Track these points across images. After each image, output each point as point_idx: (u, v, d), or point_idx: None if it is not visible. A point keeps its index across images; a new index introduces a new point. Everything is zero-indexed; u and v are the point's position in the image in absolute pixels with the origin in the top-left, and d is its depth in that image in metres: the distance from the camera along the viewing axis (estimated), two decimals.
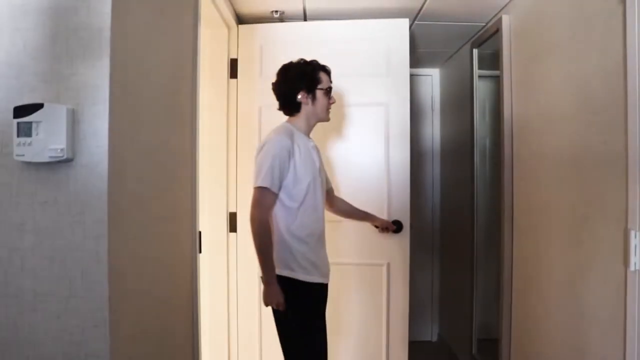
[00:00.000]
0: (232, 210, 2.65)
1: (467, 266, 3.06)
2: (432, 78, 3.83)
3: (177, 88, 1.68)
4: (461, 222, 3.22)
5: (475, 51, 2.94)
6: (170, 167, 1.60)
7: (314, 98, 1.96)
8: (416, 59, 3.56)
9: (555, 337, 1.94)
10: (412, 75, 3.74)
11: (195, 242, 1.85)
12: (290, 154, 1.85)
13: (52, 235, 1.12)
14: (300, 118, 1.98)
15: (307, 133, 2.02)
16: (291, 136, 1.90)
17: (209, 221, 2.48)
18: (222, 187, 2.61)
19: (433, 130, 3.84)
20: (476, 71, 2.96)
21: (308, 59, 1.99)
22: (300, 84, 1.93)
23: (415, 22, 2.72)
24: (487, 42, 2.75)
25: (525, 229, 2.25)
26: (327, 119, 2.05)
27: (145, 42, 1.36)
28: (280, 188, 1.86)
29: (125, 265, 1.22)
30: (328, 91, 2.00)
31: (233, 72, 2.65)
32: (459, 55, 3.31)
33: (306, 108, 1.97)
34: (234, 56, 2.65)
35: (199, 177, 1.88)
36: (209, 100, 2.51)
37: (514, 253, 2.36)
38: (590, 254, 1.69)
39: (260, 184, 1.83)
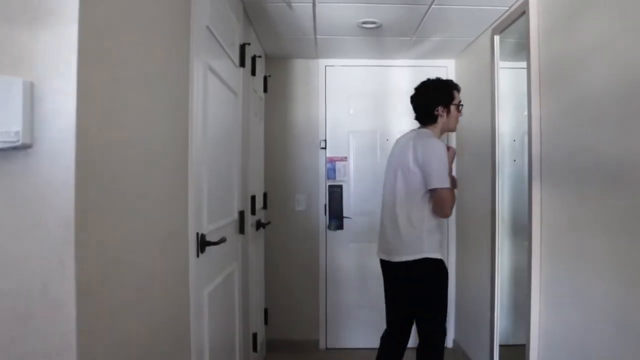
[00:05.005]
0: (240, 209, 2.44)
1: (485, 269, 2.83)
2: (447, 70, 3.60)
3: (169, 66, 1.46)
4: (481, 221, 2.99)
5: (496, 38, 2.71)
6: (161, 158, 1.38)
7: (448, 112, 2.33)
8: (429, 49, 3.34)
9: (592, 348, 1.71)
10: (424, 67, 3.55)
11: (191, 246, 1.64)
12: None
13: (6, 241, 0.90)
14: (436, 127, 2.35)
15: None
16: None
17: None
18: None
19: None
20: (497, 62, 2.73)
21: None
22: (438, 99, 2.32)
23: (432, 5, 2.50)
24: (510, 28, 2.52)
25: (558, 230, 2.02)
26: (454, 130, 2.43)
27: (128, 6, 1.14)
28: None
29: (98, 277, 1.00)
30: (459, 106, 2.36)
31: (242, 60, 2.44)
32: (478, 43, 3.08)
33: (441, 120, 2.34)
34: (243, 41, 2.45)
35: (191, 172, 1.66)
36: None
37: (543, 250, 2.14)
38: (636, 261, 1.47)
39: (445, 185, 2.16)
